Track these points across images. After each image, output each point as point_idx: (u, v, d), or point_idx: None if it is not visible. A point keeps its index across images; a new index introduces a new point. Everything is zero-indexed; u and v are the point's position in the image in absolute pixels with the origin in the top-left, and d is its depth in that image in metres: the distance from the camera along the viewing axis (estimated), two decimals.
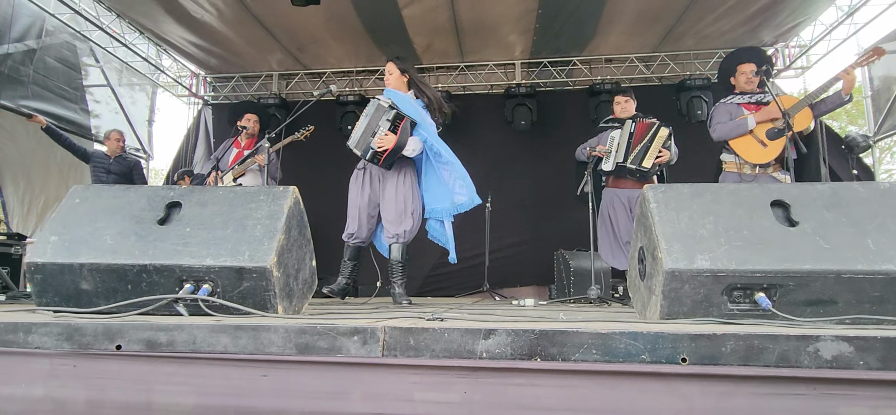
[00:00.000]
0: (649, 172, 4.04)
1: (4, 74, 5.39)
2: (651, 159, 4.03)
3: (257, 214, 1.91)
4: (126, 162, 5.66)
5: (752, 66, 3.79)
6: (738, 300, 1.66)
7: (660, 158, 4.06)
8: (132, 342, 1.41)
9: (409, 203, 3.58)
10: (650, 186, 1.92)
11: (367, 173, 3.69)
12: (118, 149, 5.60)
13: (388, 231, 3.59)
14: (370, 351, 1.35)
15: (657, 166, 4.11)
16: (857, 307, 1.61)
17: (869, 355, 1.21)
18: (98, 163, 5.51)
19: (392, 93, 3.70)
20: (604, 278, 4.75)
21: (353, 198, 3.70)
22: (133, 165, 5.75)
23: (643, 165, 4.03)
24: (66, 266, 1.80)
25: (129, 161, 5.72)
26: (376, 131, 3.46)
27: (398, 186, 3.58)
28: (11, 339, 1.45)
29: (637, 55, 7.13)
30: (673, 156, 4.14)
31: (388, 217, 3.57)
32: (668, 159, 4.11)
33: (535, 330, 1.31)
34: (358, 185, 3.69)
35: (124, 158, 5.67)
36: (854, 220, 1.72)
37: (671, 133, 4.11)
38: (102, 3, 6.03)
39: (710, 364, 1.25)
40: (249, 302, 1.79)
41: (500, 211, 6.72)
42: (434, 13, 6.01)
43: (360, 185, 3.68)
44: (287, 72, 7.68)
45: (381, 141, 3.43)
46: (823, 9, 6.07)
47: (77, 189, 2.06)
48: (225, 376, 1.39)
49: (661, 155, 4.06)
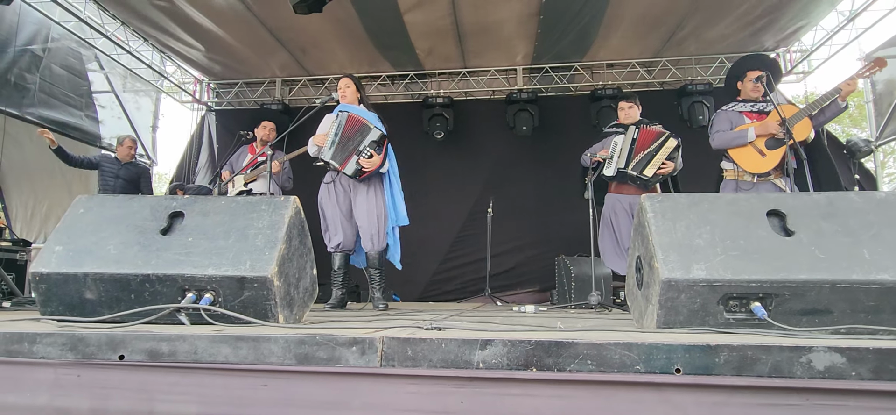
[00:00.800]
0: (650, 180, 4.02)
1: (10, 82, 5.44)
2: (653, 169, 3.99)
3: (258, 224, 1.93)
4: (135, 168, 5.68)
5: (758, 74, 3.78)
6: (735, 310, 1.67)
7: (663, 168, 4.02)
8: (135, 352, 1.43)
9: (381, 210, 3.83)
10: (647, 195, 1.94)
11: (337, 185, 3.86)
12: (129, 156, 5.62)
13: (364, 239, 3.80)
14: (368, 361, 1.36)
15: (660, 176, 4.07)
16: (853, 317, 1.62)
17: (861, 365, 1.23)
18: (107, 168, 5.53)
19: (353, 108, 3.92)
20: (605, 284, 4.76)
21: (330, 211, 3.86)
22: (142, 172, 5.77)
23: (644, 174, 4.00)
24: (70, 276, 1.83)
25: (138, 168, 5.74)
26: (360, 149, 3.66)
27: (369, 194, 3.80)
28: (17, 349, 1.47)
29: (638, 60, 7.14)
30: (678, 168, 4.13)
31: (362, 224, 3.79)
32: (671, 171, 4.06)
33: (531, 340, 1.33)
34: (332, 198, 3.85)
35: (134, 164, 5.69)
36: (850, 230, 1.73)
37: (679, 145, 4.06)
38: (107, 11, 6.09)
39: (704, 375, 1.27)
40: (251, 311, 1.81)
41: (502, 216, 6.74)
42: (436, 18, 6.04)
43: (334, 197, 3.84)
44: (290, 78, 7.73)
45: (370, 163, 3.66)
46: (825, 13, 6.07)
47: (81, 199, 2.08)
48: (226, 385, 1.41)
49: (664, 166, 4.01)
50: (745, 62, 3.99)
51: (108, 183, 5.45)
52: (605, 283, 4.80)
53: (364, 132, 3.70)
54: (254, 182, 4.76)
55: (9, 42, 5.47)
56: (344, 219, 3.82)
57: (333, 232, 3.83)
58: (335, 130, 3.75)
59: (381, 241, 3.80)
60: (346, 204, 3.83)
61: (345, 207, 3.83)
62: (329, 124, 3.87)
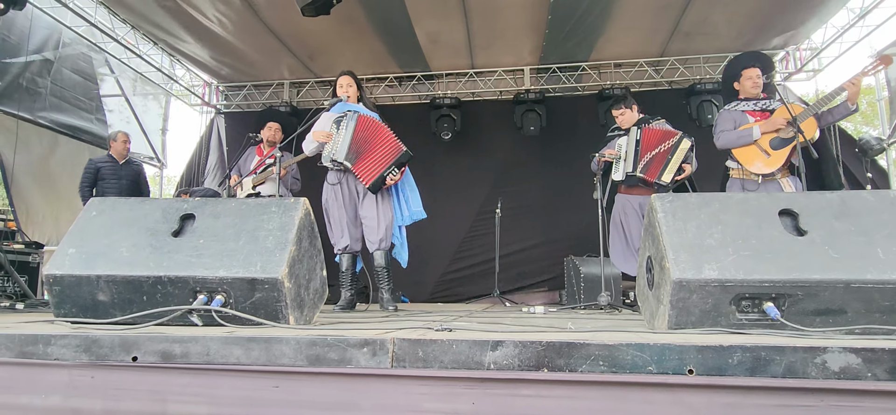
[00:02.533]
0: (668, 187, 3.90)
1: (22, 86, 5.51)
2: (671, 173, 3.88)
3: (269, 226, 1.94)
4: (135, 167, 5.62)
5: (757, 71, 3.75)
6: (747, 310, 1.66)
7: (682, 174, 3.92)
8: (148, 354, 1.44)
9: (388, 211, 3.83)
10: (658, 195, 1.93)
11: (343, 186, 3.83)
12: (125, 151, 5.51)
13: (372, 239, 3.79)
14: (379, 362, 1.37)
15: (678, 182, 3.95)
16: (867, 317, 1.60)
17: (877, 366, 1.21)
18: (108, 172, 5.41)
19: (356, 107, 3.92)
20: (614, 285, 4.73)
21: (335, 213, 3.84)
22: (139, 170, 5.70)
23: (663, 180, 3.87)
24: (83, 278, 1.85)
25: (136, 166, 5.67)
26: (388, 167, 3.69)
27: (376, 195, 3.79)
28: (32, 350, 1.49)
29: (646, 59, 7.11)
30: (693, 168, 4.05)
31: (371, 225, 3.77)
32: (689, 173, 3.97)
33: (543, 341, 1.33)
34: (339, 200, 3.83)
35: (130, 162, 5.60)
36: (863, 229, 1.72)
37: (693, 146, 3.97)
38: (118, 16, 6.14)
39: (716, 375, 1.26)
40: (262, 313, 1.82)
41: (510, 216, 6.74)
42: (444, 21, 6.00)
43: (341, 200, 3.83)
44: (298, 80, 7.76)
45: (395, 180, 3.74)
46: (835, 11, 6.02)
47: (94, 202, 2.10)
48: (238, 387, 1.42)
49: (683, 171, 3.92)
50: (740, 61, 3.94)
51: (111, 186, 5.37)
52: (615, 283, 4.77)
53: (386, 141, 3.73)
54: (262, 184, 4.78)
55: (21, 47, 5.53)
56: (350, 221, 3.82)
57: (339, 234, 3.83)
58: (347, 130, 3.73)
59: (388, 239, 3.80)
60: (351, 206, 3.83)
61: (350, 209, 3.83)
62: (327, 121, 3.85)
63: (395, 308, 3.64)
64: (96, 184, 5.40)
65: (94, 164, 5.48)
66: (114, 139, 5.55)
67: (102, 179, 5.42)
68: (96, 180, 5.40)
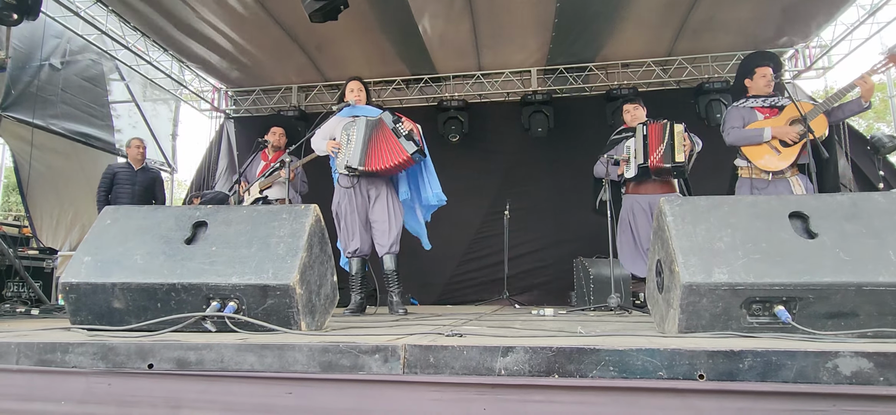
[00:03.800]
0: (685, 165, 3.99)
1: (33, 93, 5.58)
2: (680, 152, 3.97)
3: (280, 233, 1.96)
4: (150, 174, 5.69)
5: (769, 70, 3.78)
6: (758, 314, 1.66)
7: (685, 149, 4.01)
8: (163, 361, 1.46)
9: (398, 215, 3.89)
10: (666, 198, 1.93)
11: (356, 191, 3.86)
12: (140, 156, 5.57)
13: (382, 243, 3.83)
14: (391, 368, 1.38)
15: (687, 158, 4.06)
16: (879, 320, 1.60)
17: (889, 370, 1.21)
18: (122, 177, 5.48)
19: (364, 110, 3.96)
20: (624, 286, 4.72)
21: (348, 217, 3.87)
22: (155, 177, 5.77)
23: (677, 160, 3.96)
24: (98, 286, 1.88)
25: (152, 173, 5.74)
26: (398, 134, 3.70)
27: (387, 199, 3.85)
28: (50, 358, 1.51)
29: (654, 59, 7.09)
30: (696, 144, 4.12)
31: (382, 229, 3.83)
32: (693, 148, 4.07)
33: (553, 347, 1.33)
34: (351, 204, 3.85)
35: (147, 169, 5.68)
36: (875, 231, 1.71)
37: (686, 126, 4.09)
38: (128, 23, 6.20)
39: (727, 380, 1.26)
40: (274, 319, 1.84)
41: (519, 218, 6.74)
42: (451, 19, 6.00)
43: (354, 204, 3.85)
44: (306, 84, 7.80)
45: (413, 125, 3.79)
46: (845, 7, 5.97)
47: (109, 210, 2.14)
48: (251, 393, 1.43)
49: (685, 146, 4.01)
50: (753, 59, 4.01)
51: (125, 191, 5.43)
52: (624, 284, 4.76)
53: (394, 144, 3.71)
54: (269, 188, 4.81)
55: (33, 55, 5.60)
56: (361, 225, 3.85)
57: (351, 238, 3.85)
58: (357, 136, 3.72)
59: (397, 243, 3.84)
60: (363, 210, 3.86)
61: (362, 214, 3.86)
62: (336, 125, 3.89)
63: (405, 311, 3.66)
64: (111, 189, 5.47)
65: (111, 169, 5.58)
66: (128, 146, 5.64)
67: (117, 184, 5.49)
68: (112, 186, 5.47)
